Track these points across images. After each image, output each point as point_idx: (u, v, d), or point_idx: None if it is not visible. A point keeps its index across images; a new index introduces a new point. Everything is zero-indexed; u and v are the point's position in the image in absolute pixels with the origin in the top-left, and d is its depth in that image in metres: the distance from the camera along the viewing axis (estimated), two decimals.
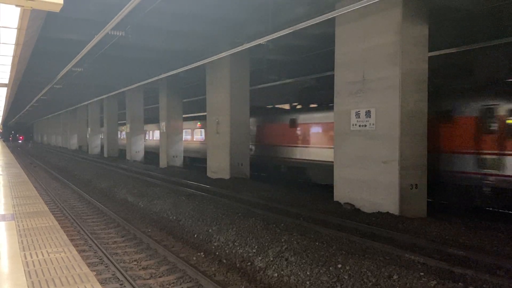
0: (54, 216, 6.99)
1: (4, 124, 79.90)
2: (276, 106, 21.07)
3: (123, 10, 9.37)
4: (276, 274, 6.20)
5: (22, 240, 5.14)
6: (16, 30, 7.97)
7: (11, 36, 8.50)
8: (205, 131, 21.74)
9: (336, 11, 9.16)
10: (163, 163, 23.66)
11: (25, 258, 4.45)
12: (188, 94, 27.82)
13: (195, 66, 15.05)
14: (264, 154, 18.51)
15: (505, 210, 11.04)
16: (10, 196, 8.60)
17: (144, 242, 8.35)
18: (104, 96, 29.42)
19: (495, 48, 12.29)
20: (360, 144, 10.43)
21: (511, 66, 12.51)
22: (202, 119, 23.20)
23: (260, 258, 6.75)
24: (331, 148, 13.02)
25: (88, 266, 4.94)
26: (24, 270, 4.08)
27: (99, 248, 7.79)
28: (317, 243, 7.11)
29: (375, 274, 5.69)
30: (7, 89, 20.05)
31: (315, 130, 15.81)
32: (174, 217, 9.91)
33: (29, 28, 8.39)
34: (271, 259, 6.59)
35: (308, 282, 5.76)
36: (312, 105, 17.57)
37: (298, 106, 18.47)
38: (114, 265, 6.74)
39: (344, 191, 10.94)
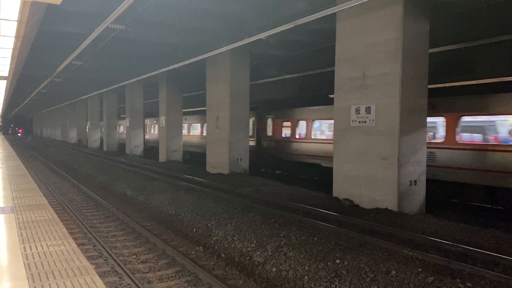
0: (54, 209, 7.01)
1: (3, 117, 79.82)
2: None
3: (123, 4, 9.32)
4: (274, 269, 6.22)
5: (21, 233, 5.16)
6: (16, 22, 7.94)
7: (11, 29, 8.47)
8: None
9: (337, 6, 9.15)
10: (162, 157, 23.66)
11: (25, 251, 4.47)
12: (189, 88, 27.75)
13: (195, 61, 15.01)
14: None
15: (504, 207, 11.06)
16: (10, 189, 8.60)
17: (143, 236, 8.38)
18: (103, 90, 29.36)
19: None
20: (360, 140, 10.43)
21: None
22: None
23: (258, 252, 6.77)
24: None
25: (88, 259, 4.95)
26: (24, 263, 4.09)
27: (98, 241, 7.81)
28: (315, 238, 7.13)
29: (373, 269, 5.71)
30: (7, 82, 20.02)
31: None
32: (173, 211, 9.93)
33: (29, 21, 8.36)
34: (270, 253, 6.61)
35: (306, 277, 5.78)
36: None
37: None
38: (113, 259, 6.76)
39: (343, 187, 10.94)
